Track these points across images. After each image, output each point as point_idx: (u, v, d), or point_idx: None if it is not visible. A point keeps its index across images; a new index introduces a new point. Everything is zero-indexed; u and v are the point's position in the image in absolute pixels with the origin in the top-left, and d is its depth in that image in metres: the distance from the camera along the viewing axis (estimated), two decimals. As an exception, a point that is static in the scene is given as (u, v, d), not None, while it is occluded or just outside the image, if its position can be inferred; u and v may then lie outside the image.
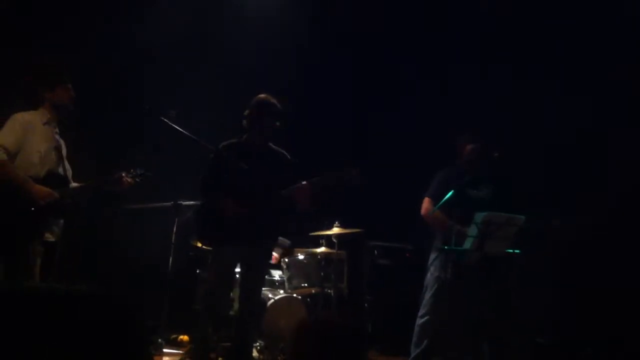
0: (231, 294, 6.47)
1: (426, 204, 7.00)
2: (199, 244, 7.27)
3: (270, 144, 6.12)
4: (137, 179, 5.82)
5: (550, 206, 7.61)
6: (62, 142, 5.78)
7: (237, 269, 6.41)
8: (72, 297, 2.83)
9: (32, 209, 5.30)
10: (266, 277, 7.90)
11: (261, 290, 6.51)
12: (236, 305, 6.52)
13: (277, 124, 5.99)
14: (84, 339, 2.72)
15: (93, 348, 2.73)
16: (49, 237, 5.51)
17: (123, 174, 5.71)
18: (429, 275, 7.00)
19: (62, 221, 5.65)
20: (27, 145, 5.44)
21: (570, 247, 7.59)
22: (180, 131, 5.80)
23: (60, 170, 5.66)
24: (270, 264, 7.22)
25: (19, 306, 2.70)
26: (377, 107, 9.47)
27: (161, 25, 8.05)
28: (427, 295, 6.95)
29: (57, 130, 5.72)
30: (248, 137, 6.05)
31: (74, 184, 5.82)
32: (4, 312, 2.67)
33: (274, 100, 6.01)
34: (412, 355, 6.94)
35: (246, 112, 6.01)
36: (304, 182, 5.85)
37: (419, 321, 6.94)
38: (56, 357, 2.65)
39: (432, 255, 7.02)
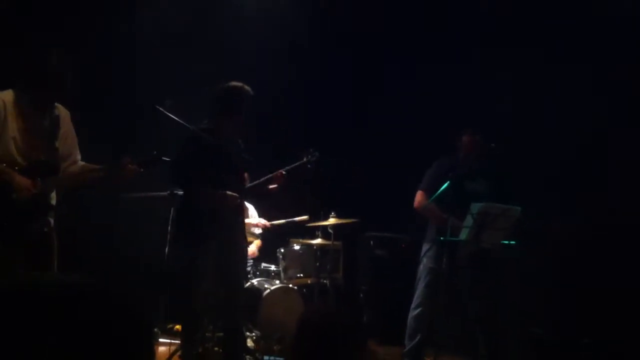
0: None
1: (419, 197, 7.04)
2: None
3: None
4: (149, 165, 5.46)
5: (550, 206, 7.60)
6: (59, 115, 5.33)
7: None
8: (73, 291, 2.82)
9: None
10: (262, 267, 7.94)
11: (243, 275, 6.56)
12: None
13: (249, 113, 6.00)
14: (85, 335, 2.70)
15: (94, 345, 2.71)
16: (32, 231, 5.12)
17: (128, 160, 5.34)
18: (421, 266, 7.03)
19: (50, 213, 5.30)
20: (3, 132, 4.99)
21: (569, 245, 7.57)
22: (177, 120, 5.79)
23: (49, 157, 5.21)
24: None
25: (17, 301, 2.69)
26: (375, 101, 9.48)
27: (161, 22, 8.10)
28: (420, 287, 6.97)
29: (47, 110, 5.25)
30: (216, 123, 5.99)
31: (74, 167, 5.45)
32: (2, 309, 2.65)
33: (248, 88, 5.95)
34: (407, 347, 6.94)
35: (219, 99, 5.98)
36: (282, 171, 6.13)
37: (412, 313, 6.95)
38: (57, 355, 2.63)
39: (425, 247, 7.04)
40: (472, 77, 8.36)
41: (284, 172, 6.09)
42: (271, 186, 6.10)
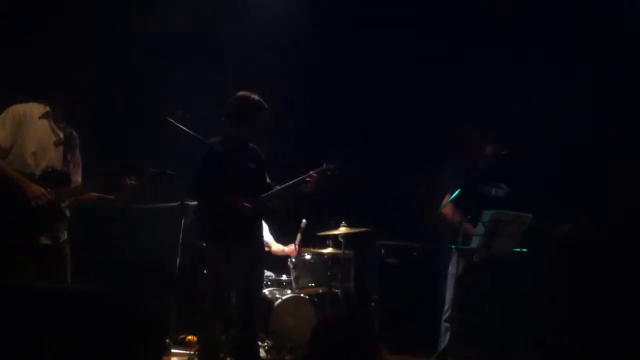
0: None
1: (446, 200, 7.07)
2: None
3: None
4: (152, 180, 5.54)
5: (557, 206, 7.59)
6: (72, 134, 5.46)
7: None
8: (87, 296, 2.84)
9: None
10: (274, 277, 7.93)
11: (262, 286, 6.57)
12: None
13: (266, 122, 6.07)
14: (96, 338, 2.72)
15: (105, 347, 2.74)
16: (45, 241, 5.15)
17: (126, 179, 5.41)
18: (448, 273, 7.07)
19: (64, 224, 5.35)
20: (20, 141, 5.12)
21: (576, 246, 7.56)
22: (187, 131, 5.79)
23: (62, 167, 5.32)
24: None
25: (28, 305, 2.70)
26: (383, 107, 9.42)
27: (167, 25, 8.08)
28: (447, 292, 7.01)
29: (62, 124, 5.38)
30: (234, 134, 6.05)
31: (79, 183, 5.51)
32: (11, 311, 2.67)
33: (260, 98, 6.03)
34: (438, 350, 6.98)
35: (234, 110, 6.02)
36: (313, 172, 6.03)
37: (443, 317, 7.00)
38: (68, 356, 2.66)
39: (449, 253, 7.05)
40: (482, 76, 8.32)
41: (315, 174, 6.03)
42: (305, 187, 6.03)
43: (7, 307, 2.73)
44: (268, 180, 6.24)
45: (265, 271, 8.03)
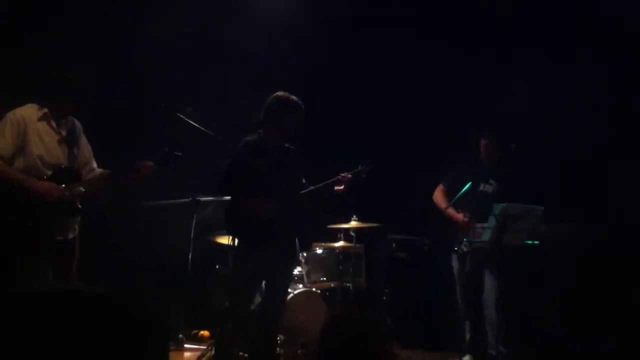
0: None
1: (437, 191, 7.33)
2: (218, 240, 7.28)
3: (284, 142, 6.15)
4: (164, 163, 5.63)
5: (557, 206, 7.61)
6: (74, 123, 5.54)
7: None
8: (87, 299, 2.81)
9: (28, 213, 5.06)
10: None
11: (288, 288, 6.53)
12: (256, 299, 6.54)
13: (299, 122, 5.99)
14: (97, 341, 2.69)
15: (107, 350, 2.71)
16: (58, 237, 5.26)
17: (147, 162, 5.52)
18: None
19: (76, 219, 5.44)
20: (25, 147, 5.18)
21: (577, 246, 7.58)
22: (197, 127, 5.77)
23: (70, 163, 5.38)
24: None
25: (31, 308, 2.68)
26: (392, 102, 9.39)
27: (172, 24, 8.06)
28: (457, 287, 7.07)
29: (64, 120, 5.45)
30: (265, 133, 6.00)
31: (93, 173, 5.63)
32: (13, 315, 2.64)
33: (295, 98, 5.96)
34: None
35: (266, 109, 5.98)
36: (346, 174, 6.06)
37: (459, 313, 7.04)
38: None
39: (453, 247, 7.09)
40: (488, 77, 8.36)
41: (350, 175, 6.06)
42: (337, 187, 6.03)
43: (6, 309, 2.70)
44: (304, 181, 6.20)
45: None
